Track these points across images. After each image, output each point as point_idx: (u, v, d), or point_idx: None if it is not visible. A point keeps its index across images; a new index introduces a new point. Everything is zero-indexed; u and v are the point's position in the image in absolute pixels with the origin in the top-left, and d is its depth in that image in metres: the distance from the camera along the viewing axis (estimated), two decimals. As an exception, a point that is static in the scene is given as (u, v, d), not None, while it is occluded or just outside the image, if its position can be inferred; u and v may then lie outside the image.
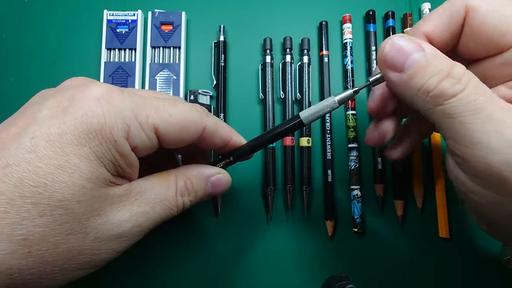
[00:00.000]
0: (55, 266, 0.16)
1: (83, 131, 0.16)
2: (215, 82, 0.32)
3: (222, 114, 0.31)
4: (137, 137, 0.18)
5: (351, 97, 0.21)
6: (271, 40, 0.33)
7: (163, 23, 0.33)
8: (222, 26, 0.33)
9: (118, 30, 0.32)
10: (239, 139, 0.23)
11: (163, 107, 0.19)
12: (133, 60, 0.32)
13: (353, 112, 0.32)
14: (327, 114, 0.32)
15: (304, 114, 0.22)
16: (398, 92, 0.19)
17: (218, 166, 0.24)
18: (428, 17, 0.21)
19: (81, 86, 0.18)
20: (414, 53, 0.17)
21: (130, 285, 0.30)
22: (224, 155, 0.24)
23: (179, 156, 0.27)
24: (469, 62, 0.21)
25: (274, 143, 0.31)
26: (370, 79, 0.21)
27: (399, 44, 0.18)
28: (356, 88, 0.21)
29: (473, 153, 0.16)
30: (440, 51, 0.19)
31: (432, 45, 0.19)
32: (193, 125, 0.20)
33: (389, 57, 0.18)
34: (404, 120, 0.28)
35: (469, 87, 0.16)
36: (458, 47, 0.20)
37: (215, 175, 0.22)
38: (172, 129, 0.19)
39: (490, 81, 0.20)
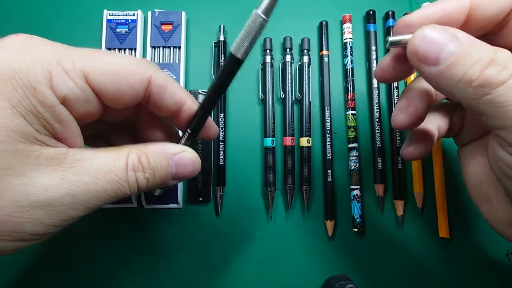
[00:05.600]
0: None
1: None
2: (215, 82, 0.32)
3: (222, 114, 0.31)
4: (63, 85, 0.16)
5: (274, 2, 0.17)
6: (271, 40, 0.33)
7: (163, 23, 0.33)
8: (222, 26, 0.33)
9: (118, 30, 0.32)
10: (196, 107, 0.21)
11: (94, 53, 0.17)
12: (133, 60, 0.32)
13: (353, 112, 0.32)
14: (328, 115, 0.32)
15: (234, 45, 0.19)
16: (435, 85, 0.17)
17: (181, 143, 0.21)
18: None
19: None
20: (449, 44, 0.16)
21: (132, 285, 0.30)
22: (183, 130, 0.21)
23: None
24: None
25: (274, 143, 0.31)
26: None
27: (431, 37, 0.16)
28: None
29: None
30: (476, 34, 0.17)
31: (471, 21, 0.18)
32: (133, 75, 0.18)
33: (421, 51, 0.16)
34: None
35: None
36: (501, 34, 0.18)
37: (179, 153, 0.20)
38: (107, 78, 0.17)
39: None
